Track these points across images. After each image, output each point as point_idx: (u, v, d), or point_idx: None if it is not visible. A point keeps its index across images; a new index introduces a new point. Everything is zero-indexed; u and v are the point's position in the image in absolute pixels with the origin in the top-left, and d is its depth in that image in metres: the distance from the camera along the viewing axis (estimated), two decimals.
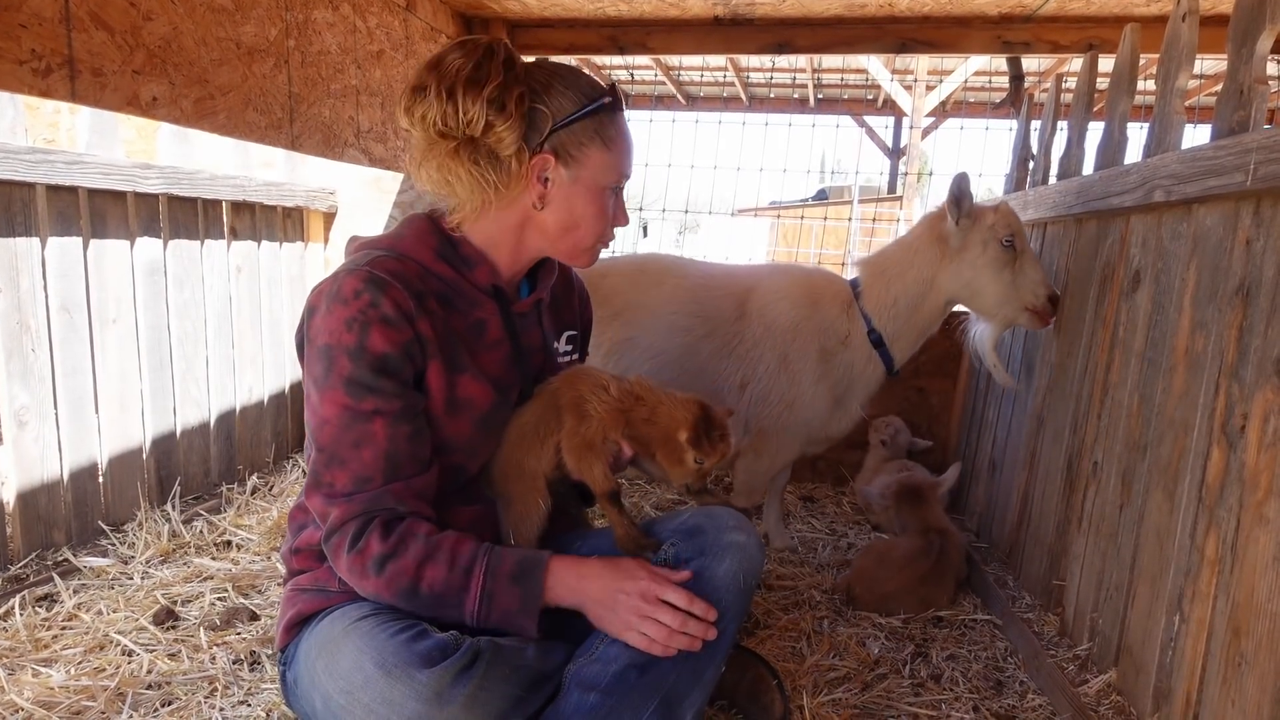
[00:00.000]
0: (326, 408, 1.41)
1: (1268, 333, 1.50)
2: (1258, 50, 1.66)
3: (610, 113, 1.53)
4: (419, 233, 1.56)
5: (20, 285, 2.35)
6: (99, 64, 1.70)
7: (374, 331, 1.40)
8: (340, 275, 1.45)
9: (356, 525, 1.40)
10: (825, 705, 1.89)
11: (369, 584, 1.41)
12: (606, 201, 1.56)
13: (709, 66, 9.06)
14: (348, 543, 1.40)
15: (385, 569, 1.39)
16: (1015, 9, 3.03)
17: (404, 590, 1.41)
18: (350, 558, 1.40)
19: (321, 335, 1.42)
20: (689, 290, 2.68)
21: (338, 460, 1.41)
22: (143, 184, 2.70)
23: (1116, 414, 2.07)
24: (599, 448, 1.60)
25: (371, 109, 2.75)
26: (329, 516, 1.42)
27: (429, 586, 1.41)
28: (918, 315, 2.56)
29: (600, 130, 1.51)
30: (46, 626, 2.08)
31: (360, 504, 1.41)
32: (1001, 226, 2.43)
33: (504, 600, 1.42)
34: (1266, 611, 1.43)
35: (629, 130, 1.58)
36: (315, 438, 1.43)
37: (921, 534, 2.52)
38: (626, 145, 1.56)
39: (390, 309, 1.42)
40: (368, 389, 1.40)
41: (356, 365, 1.40)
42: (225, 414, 3.19)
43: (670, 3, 3.10)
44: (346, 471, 1.41)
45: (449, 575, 1.41)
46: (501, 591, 1.42)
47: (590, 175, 1.52)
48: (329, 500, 1.41)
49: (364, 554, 1.39)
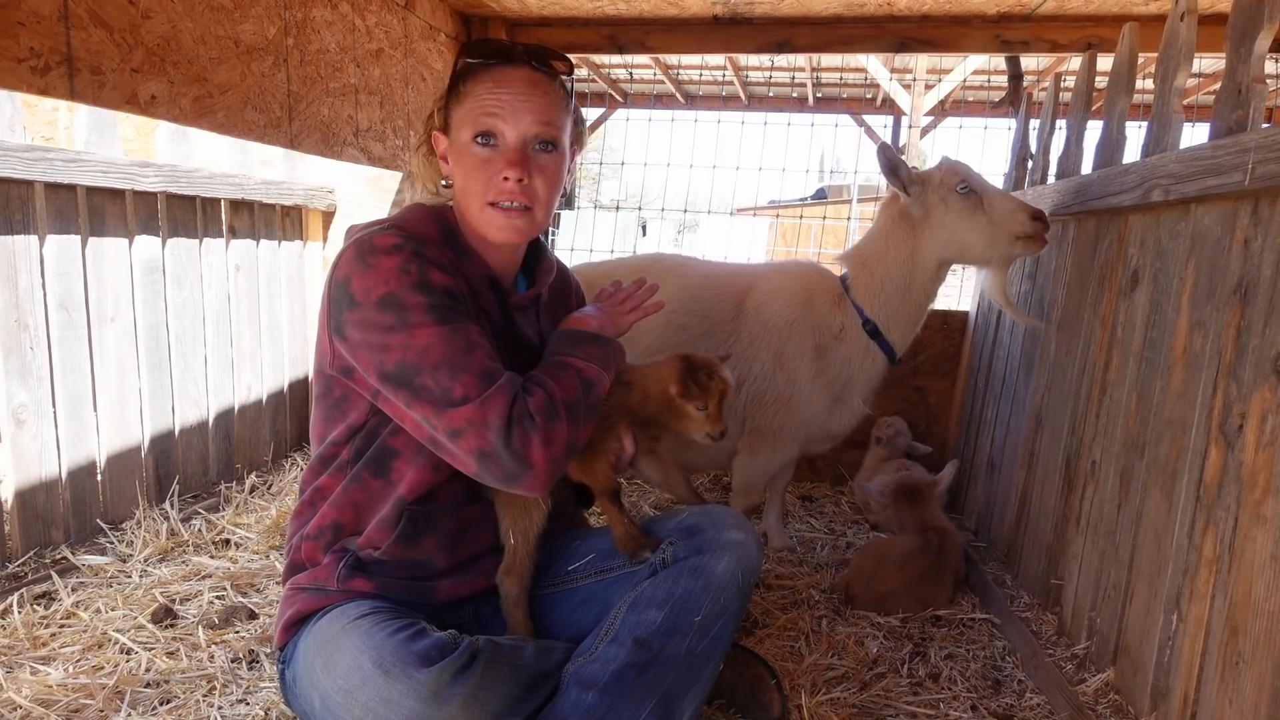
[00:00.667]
0: (421, 336, 1.39)
1: (1265, 332, 1.50)
2: (1256, 49, 1.66)
3: (470, 70, 1.57)
4: (422, 218, 1.58)
5: (18, 283, 2.35)
6: (97, 62, 1.70)
7: (431, 270, 1.44)
8: (367, 238, 1.46)
9: (521, 406, 1.40)
10: (824, 704, 1.89)
11: (561, 430, 1.42)
12: (473, 156, 1.54)
13: (708, 65, 9.05)
14: (526, 422, 1.39)
15: (555, 408, 1.43)
16: (1014, 8, 3.03)
17: (572, 404, 1.46)
18: (537, 432, 1.39)
19: (375, 289, 1.40)
20: (689, 289, 2.69)
21: (461, 368, 1.39)
22: (141, 182, 2.70)
23: (1115, 413, 2.07)
24: (601, 446, 1.61)
25: (370, 108, 2.74)
26: (488, 420, 1.37)
27: (574, 388, 1.48)
28: (909, 295, 2.54)
29: (459, 90, 1.57)
30: (45, 624, 2.08)
31: (508, 388, 1.41)
32: (950, 177, 2.42)
33: (593, 352, 1.57)
34: (1264, 610, 1.43)
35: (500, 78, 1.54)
36: (424, 365, 1.38)
37: (920, 533, 2.52)
38: (481, 92, 1.53)
39: (435, 255, 1.47)
40: (449, 310, 1.43)
41: (430, 295, 1.42)
42: (224, 412, 3.19)
43: (669, 1, 3.10)
44: (472, 373, 1.39)
45: (567, 374, 1.50)
46: (585, 351, 1.56)
47: (456, 135, 1.57)
48: (481, 403, 1.37)
49: (541, 415, 1.40)
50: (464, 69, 1.57)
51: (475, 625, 1.65)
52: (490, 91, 1.52)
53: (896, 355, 2.62)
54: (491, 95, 1.52)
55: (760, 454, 2.65)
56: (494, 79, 1.53)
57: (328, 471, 1.59)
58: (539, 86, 1.54)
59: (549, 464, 1.40)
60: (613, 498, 1.60)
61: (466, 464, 1.41)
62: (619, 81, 9.96)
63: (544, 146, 1.55)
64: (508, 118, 1.51)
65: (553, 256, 1.81)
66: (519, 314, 1.66)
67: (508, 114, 1.51)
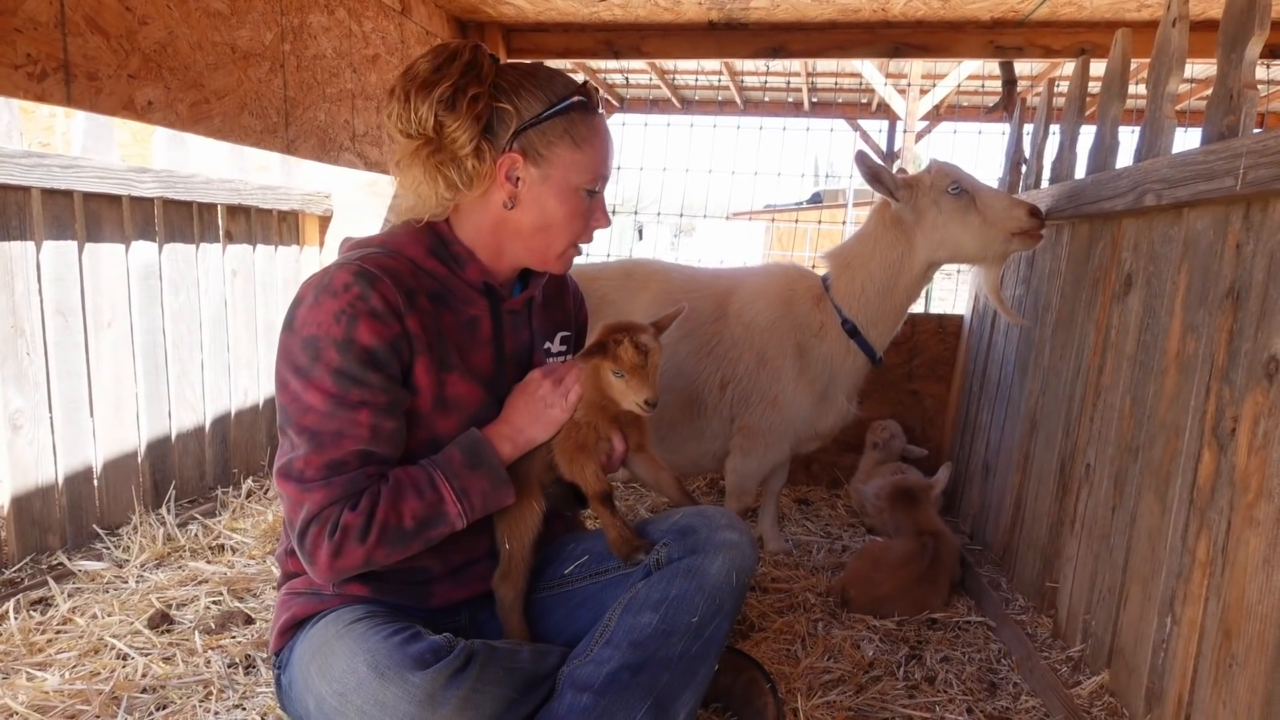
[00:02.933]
0: (311, 395, 1.41)
1: (1257, 336, 1.51)
2: (1247, 55, 1.67)
3: (582, 112, 1.54)
4: (412, 232, 1.58)
5: (15, 289, 2.35)
6: (94, 68, 1.71)
7: (361, 324, 1.41)
8: (331, 269, 1.46)
9: (335, 511, 1.40)
10: (819, 708, 1.89)
11: (359, 553, 1.41)
12: (579, 202, 1.56)
13: (703, 70, 9.06)
14: (328, 530, 1.40)
15: (370, 530, 1.41)
16: (1008, 14, 3.04)
17: (393, 535, 1.43)
18: (332, 543, 1.40)
19: (309, 326, 1.42)
20: (671, 293, 2.73)
21: (317, 447, 1.41)
22: (138, 188, 2.70)
23: (1109, 417, 2.08)
24: (591, 448, 1.61)
25: (367, 113, 2.75)
26: (304, 505, 1.40)
27: (412, 518, 1.44)
28: (891, 297, 2.55)
29: (570, 129, 1.53)
30: (41, 630, 2.08)
31: (340, 488, 1.41)
32: (941, 179, 2.43)
33: (475, 486, 1.49)
34: (1257, 613, 1.43)
35: (606, 132, 1.59)
36: (294, 423, 1.42)
37: (915, 536, 2.52)
38: (600, 145, 1.56)
39: (379, 303, 1.43)
40: (355, 381, 1.41)
41: (344, 357, 1.40)
42: (220, 417, 3.19)
43: (664, 7, 3.11)
44: (323, 457, 1.41)
45: (420, 500, 1.45)
46: (469, 482, 1.49)
47: (561, 175, 1.53)
48: (304, 487, 1.40)
49: (346, 531, 1.40)
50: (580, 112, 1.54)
51: (471, 629, 1.65)
52: (604, 145, 1.58)
53: (876, 355, 2.64)
54: (606, 151, 1.58)
55: (752, 453, 2.67)
56: (604, 133, 1.58)
57: None
58: None
59: (333, 572, 1.44)
60: (605, 500, 1.61)
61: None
62: (615, 87, 9.97)
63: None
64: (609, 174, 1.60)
65: None
66: (511, 317, 1.66)
67: (610, 170, 1.60)
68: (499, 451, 1.54)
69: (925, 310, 9.58)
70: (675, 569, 1.51)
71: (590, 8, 3.16)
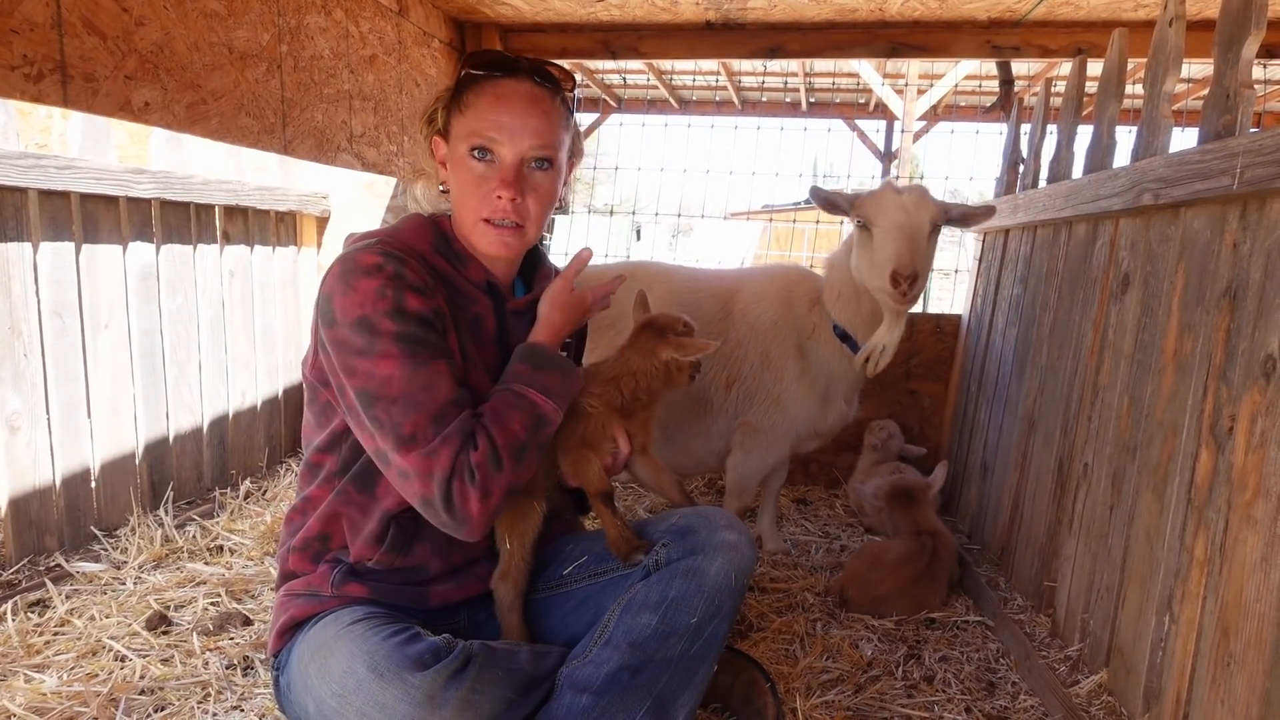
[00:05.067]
0: (385, 366, 1.40)
1: (1255, 334, 1.52)
2: (1243, 55, 1.67)
3: (472, 81, 1.56)
4: (416, 227, 1.59)
5: (12, 290, 2.35)
6: (91, 69, 1.70)
7: (408, 295, 1.43)
8: (352, 255, 1.46)
9: (464, 460, 1.41)
10: (818, 707, 1.90)
11: (502, 480, 1.43)
12: (468, 169, 1.53)
13: (701, 71, 9.07)
14: (467, 478, 1.40)
15: (500, 458, 1.42)
16: (1004, 14, 3.05)
17: (518, 450, 1.45)
18: (477, 486, 1.40)
19: (353, 310, 1.42)
20: (675, 294, 2.73)
21: (415, 406, 1.40)
22: (135, 189, 2.69)
23: (1106, 416, 2.09)
24: (597, 447, 1.61)
25: (364, 113, 2.75)
26: (434, 472, 1.39)
27: (523, 428, 1.47)
28: (860, 305, 2.51)
29: (459, 99, 1.56)
30: (39, 632, 2.08)
31: (456, 438, 1.41)
32: (861, 208, 2.37)
33: (552, 382, 1.53)
34: (1254, 612, 1.44)
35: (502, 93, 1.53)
36: (381, 400, 1.40)
37: (914, 536, 2.53)
38: (484, 106, 1.52)
39: (414, 278, 1.46)
40: (419, 341, 1.42)
41: (402, 323, 1.41)
42: (218, 418, 3.18)
43: (661, 7, 3.11)
44: (424, 414, 1.40)
45: (521, 411, 1.48)
46: (545, 381, 1.52)
47: (455, 145, 1.56)
48: (427, 451, 1.39)
49: (482, 471, 1.41)
50: (466, 79, 1.57)
51: (470, 630, 1.65)
52: (491, 107, 1.51)
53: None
54: (492, 111, 1.51)
55: (753, 452, 2.67)
56: (496, 93, 1.53)
57: (317, 481, 1.60)
58: (540, 104, 1.54)
59: (484, 516, 1.44)
60: (606, 500, 1.61)
61: (411, 501, 1.45)
62: (613, 87, 9.97)
63: (540, 164, 1.55)
64: (506, 136, 1.50)
65: (550, 263, 1.82)
66: (515, 319, 1.66)
67: (506, 132, 1.50)
68: (550, 348, 1.58)
69: (924, 310, 9.60)
70: (674, 570, 1.51)
71: (587, 8, 3.16)
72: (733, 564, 1.52)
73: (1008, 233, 3.11)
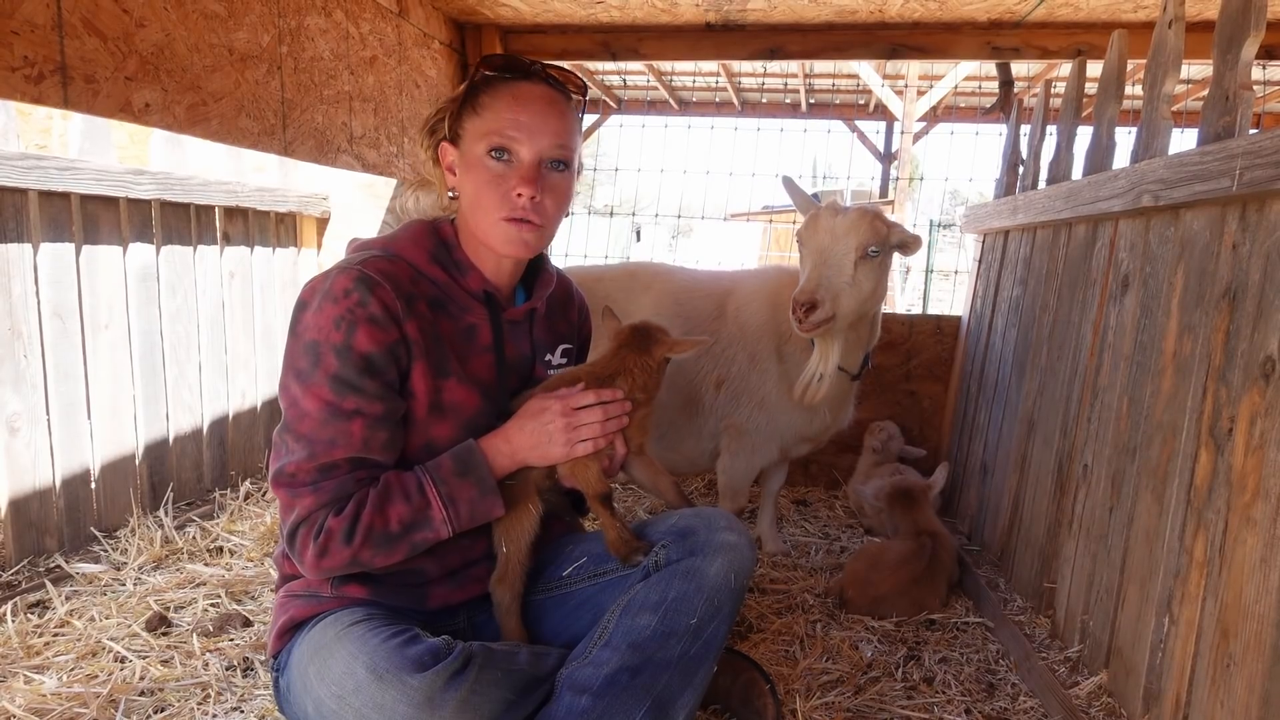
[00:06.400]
0: (308, 401, 1.42)
1: (1254, 336, 1.52)
2: (1243, 56, 1.67)
3: (487, 83, 1.56)
4: (415, 236, 1.58)
5: (12, 291, 2.35)
6: (91, 70, 1.70)
7: (360, 331, 1.42)
8: (332, 273, 1.47)
9: (321, 515, 1.42)
10: (818, 709, 1.90)
11: (345, 554, 1.43)
12: (486, 170, 1.53)
13: (701, 72, 9.08)
14: (313, 533, 1.42)
15: (354, 534, 1.42)
16: (1004, 15, 3.05)
17: (379, 538, 1.44)
18: (317, 545, 1.42)
19: (310, 331, 1.44)
20: (673, 294, 2.76)
21: (310, 453, 1.42)
22: (135, 189, 2.70)
23: (1106, 417, 2.09)
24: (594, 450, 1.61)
25: (364, 114, 2.75)
26: (294, 509, 1.43)
27: (398, 522, 1.45)
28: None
29: (474, 101, 1.55)
30: (39, 633, 2.08)
31: (327, 493, 1.43)
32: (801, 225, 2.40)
33: (463, 495, 1.49)
34: (1254, 613, 1.44)
35: (519, 94, 1.53)
36: (291, 427, 1.45)
37: (914, 537, 2.53)
38: (502, 107, 1.52)
39: (377, 309, 1.44)
40: (351, 388, 1.42)
41: (342, 363, 1.42)
42: (218, 419, 3.19)
43: (661, 8, 3.11)
44: (314, 463, 1.43)
45: (407, 504, 1.45)
46: (457, 490, 1.49)
47: (469, 146, 1.55)
48: (294, 491, 1.43)
49: (330, 535, 1.42)
50: (481, 81, 1.56)
51: (470, 631, 1.65)
52: (510, 107, 1.52)
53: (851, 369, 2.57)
54: (510, 111, 1.51)
55: (740, 454, 2.69)
56: (514, 94, 1.53)
57: None
58: (556, 105, 1.55)
59: (319, 571, 1.47)
60: (605, 501, 1.61)
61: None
62: (613, 88, 9.98)
63: (556, 165, 1.55)
64: (525, 135, 1.51)
65: (553, 268, 1.80)
66: (512, 327, 1.66)
67: (526, 131, 1.51)
68: (493, 464, 1.53)
69: (923, 311, 9.59)
70: (674, 570, 1.51)
71: (587, 9, 3.16)
72: (732, 565, 1.52)
73: (1007, 234, 3.11)
